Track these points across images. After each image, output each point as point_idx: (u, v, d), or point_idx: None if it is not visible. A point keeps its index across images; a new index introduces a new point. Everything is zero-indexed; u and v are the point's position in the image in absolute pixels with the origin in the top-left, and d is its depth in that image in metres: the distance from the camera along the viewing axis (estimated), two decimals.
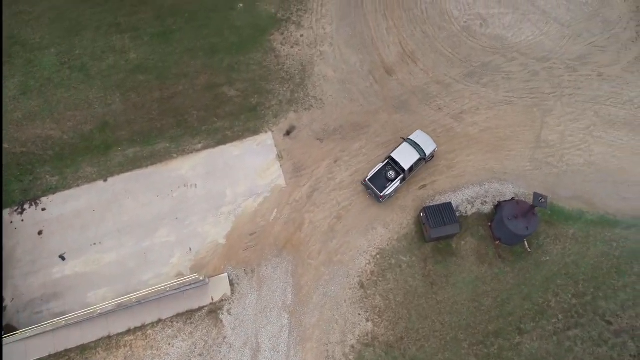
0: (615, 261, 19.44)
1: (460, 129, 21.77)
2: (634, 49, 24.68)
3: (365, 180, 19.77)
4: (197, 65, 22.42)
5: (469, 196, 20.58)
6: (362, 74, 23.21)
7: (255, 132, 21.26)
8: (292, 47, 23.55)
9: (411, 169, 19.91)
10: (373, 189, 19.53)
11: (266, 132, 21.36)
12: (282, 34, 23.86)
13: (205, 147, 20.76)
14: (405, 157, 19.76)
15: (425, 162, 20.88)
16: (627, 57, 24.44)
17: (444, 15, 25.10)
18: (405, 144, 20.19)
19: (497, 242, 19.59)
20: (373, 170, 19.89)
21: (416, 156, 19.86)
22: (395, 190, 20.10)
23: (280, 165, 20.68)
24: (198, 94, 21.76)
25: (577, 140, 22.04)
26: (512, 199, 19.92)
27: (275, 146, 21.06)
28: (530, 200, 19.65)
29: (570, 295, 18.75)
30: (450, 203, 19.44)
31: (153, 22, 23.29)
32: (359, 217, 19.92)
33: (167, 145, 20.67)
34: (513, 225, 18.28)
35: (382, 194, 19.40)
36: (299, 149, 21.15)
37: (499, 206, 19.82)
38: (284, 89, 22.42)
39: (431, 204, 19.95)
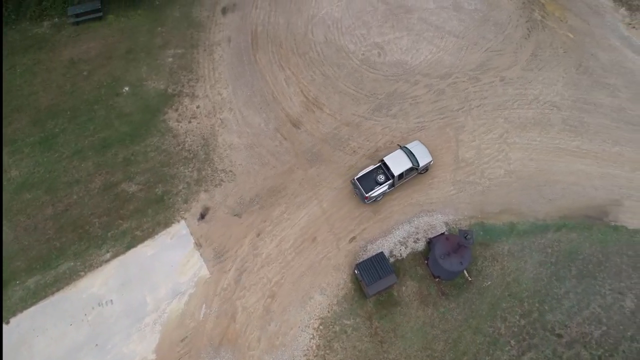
0: (553, 268, 20.00)
1: None
2: (528, 45, 25.77)
3: (354, 179, 20.52)
4: (88, 167, 21.29)
5: (400, 237, 20.59)
6: (268, 133, 22.79)
7: (167, 224, 20.38)
8: (189, 121, 22.82)
9: (401, 176, 20.50)
10: (360, 188, 20.27)
11: (178, 221, 20.50)
12: (177, 109, 23.11)
13: (114, 256, 19.65)
14: (398, 163, 20.46)
15: (418, 173, 21.42)
16: (524, 56, 25.49)
17: (340, 52, 25.20)
18: (399, 151, 20.97)
19: (437, 279, 19.51)
20: (364, 171, 20.65)
21: (408, 164, 20.51)
22: (382, 195, 20.71)
23: (200, 254, 19.85)
24: (96, 199, 20.61)
25: (494, 151, 22.61)
26: (442, 234, 20.00)
27: (192, 234, 20.22)
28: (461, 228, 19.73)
29: (517, 317, 19.05)
30: (382, 253, 19.39)
31: (31, 130, 21.98)
32: (293, 289, 19.42)
33: (72, 263, 19.40)
34: (447, 264, 18.44)
35: (367, 195, 20.05)
36: (217, 231, 20.41)
37: (430, 243, 19.77)
38: (189, 169, 21.63)
39: (363, 258, 19.75)
